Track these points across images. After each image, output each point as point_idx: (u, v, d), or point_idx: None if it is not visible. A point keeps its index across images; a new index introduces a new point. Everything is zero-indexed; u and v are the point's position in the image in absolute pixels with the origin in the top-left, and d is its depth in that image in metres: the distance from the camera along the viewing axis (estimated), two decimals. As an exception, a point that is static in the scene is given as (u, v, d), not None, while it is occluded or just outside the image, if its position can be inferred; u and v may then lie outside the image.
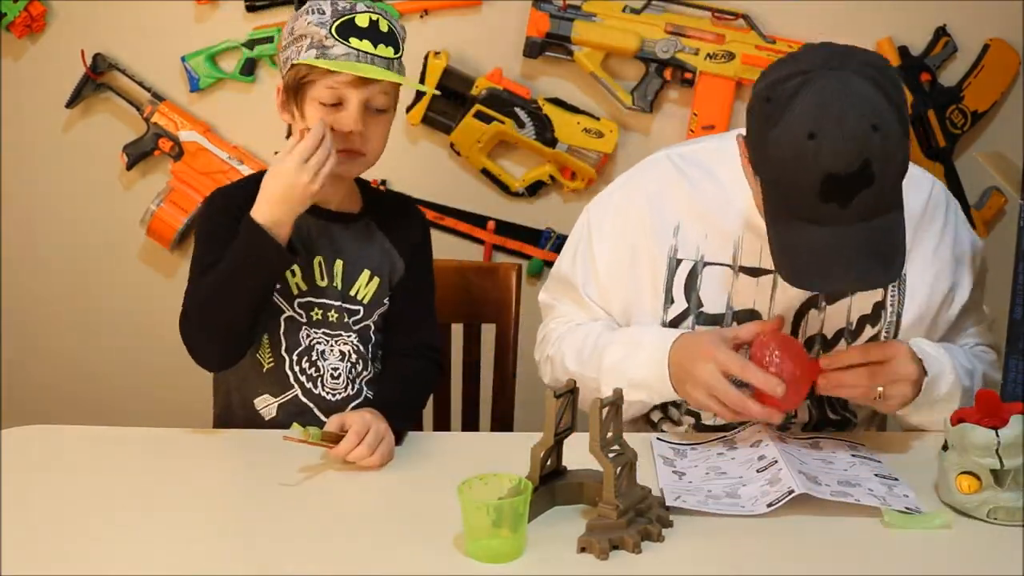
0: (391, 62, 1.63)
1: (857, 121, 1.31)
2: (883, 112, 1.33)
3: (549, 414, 1.35)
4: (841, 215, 1.34)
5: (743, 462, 1.50)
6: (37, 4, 2.31)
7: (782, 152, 1.35)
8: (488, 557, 1.25)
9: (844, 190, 1.33)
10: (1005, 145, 2.33)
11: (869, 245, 1.36)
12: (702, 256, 1.60)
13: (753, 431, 1.57)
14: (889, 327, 1.61)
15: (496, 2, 2.32)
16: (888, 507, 1.35)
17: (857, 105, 1.32)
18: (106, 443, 1.61)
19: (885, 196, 1.36)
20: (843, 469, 1.47)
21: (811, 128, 1.32)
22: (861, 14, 2.31)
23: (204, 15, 2.34)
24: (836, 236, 1.35)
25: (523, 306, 1.97)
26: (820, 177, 1.32)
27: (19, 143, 2.42)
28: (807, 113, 1.32)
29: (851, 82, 1.33)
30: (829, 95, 1.32)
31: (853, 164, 1.31)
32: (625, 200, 1.66)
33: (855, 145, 1.31)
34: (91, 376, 2.51)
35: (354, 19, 1.61)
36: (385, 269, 1.73)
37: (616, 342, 1.60)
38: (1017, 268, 1.52)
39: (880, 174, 1.33)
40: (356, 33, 1.60)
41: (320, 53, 1.59)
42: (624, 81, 2.33)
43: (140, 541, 1.32)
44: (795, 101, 1.33)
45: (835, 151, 1.31)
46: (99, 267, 2.47)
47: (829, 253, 1.36)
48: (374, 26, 1.62)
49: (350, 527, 1.35)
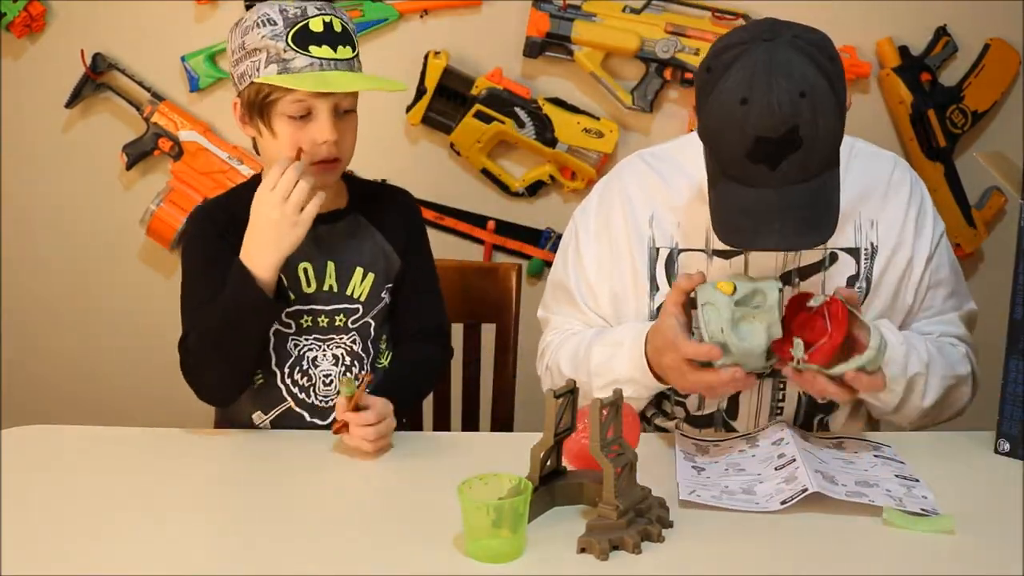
0: (352, 61, 1.60)
1: (785, 88, 1.38)
2: (812, 81, 1.39)
3: (549, 414, 1.35)
4: (770, 177, 1.41)
5: (763, 459, 1.50)
6: (37, 4, 2.31)
7: (717, 116, 1.43)
8: (488, 557, 1.25)
9: (772, 153, 1.40)
10: (1005, 145, 2.33)
11: (798, 207, 1.43)
12: (676, 243, 1.66)
13: (776, 429, 1.58)
14: (859, 293, 1.64)
15: (496, 2, 2.32)
16: (900, 508, 1.34)
17: (786, 73, 1.39)
18: (106, 443, 1.61)
19: (814, 161, 1.42)
20: (864, 469, 1.47)
21: (743, 94, 1.40)
22: (861, 14, 2.31)
23: (204, 15, 2.34)
24: (765, 197, 1.43)
25: (523, 306, 1.97)
26: (750, 139, 1.40)
27: (19, 143, 2.42)
28: (740, 80, 1.40)
29: (782, 51, 1.40)
30: (761, 64, 1.40)
31: (780, 128, 1.38)
32: (604, 201, 1.73)
33: (782, 110, 1.38)
34: (91, 376, 2.51)
35: (308, 24, 1.57)
36: (380, 264, 1.71)
37: (600, 343, 1.64)
38: (1017, 268, 1.52)
39: (808, 139, 1.39)
40: (313, 40, 1.57)
41: (282, 68, 1.56)
42: (624, 81, 2.33)
43: (140, 541, 1.32)
44: (731, 70, 1.41)
45: (763, 115, 1.38)
46: (99, 267, 2.47)
47: (758, 214, 1.43)
48: (329, 28, 1.58)
49: (350, 527, 1.35)
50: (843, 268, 1.64)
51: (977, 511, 1.38)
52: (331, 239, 1.68)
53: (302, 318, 1.66)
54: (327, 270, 1.68)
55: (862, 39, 2.32)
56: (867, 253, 1.64)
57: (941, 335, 1.68)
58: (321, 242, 1.67)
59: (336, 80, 1.56)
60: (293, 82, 1.54)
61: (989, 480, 1.49)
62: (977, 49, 2.33)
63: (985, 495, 1.45)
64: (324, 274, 1.68)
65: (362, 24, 2.31)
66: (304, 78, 1.55)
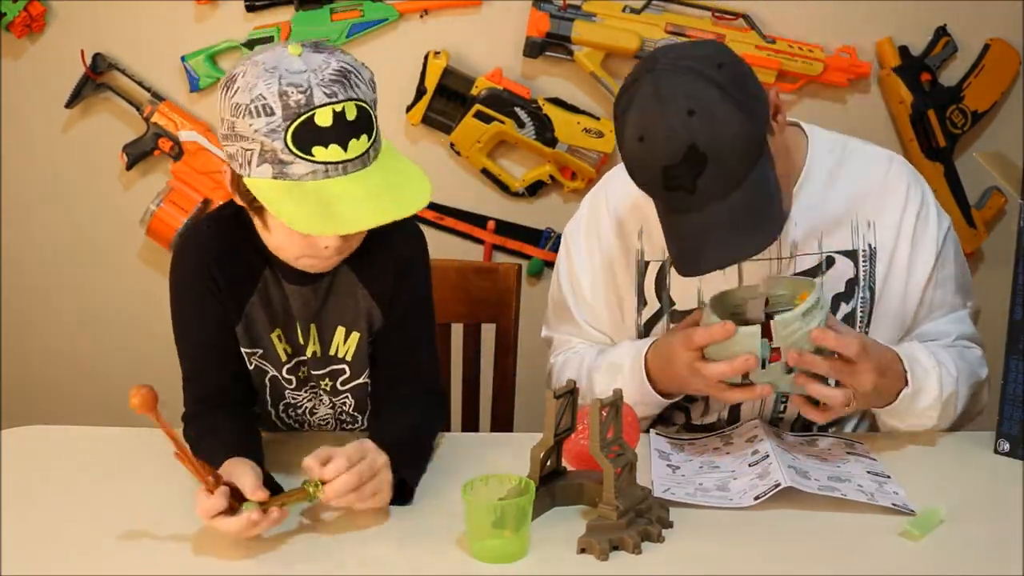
0: (366, 155, 1.33)
1: (672, 113, 1.39)
2: (699, 96, 1.39)
3: (549, 414, 1.35)
4: (693, 200, 1.42)
5: (737, 456, 1.51)
6: (37, 4, 2.31)
7: (628, 157, 1.46)
8: (492, 558, 1.25)
9: (684, 177, 1.40)
10: (1005, 145, 2.33)
11: (732, 220, 1.42)
12: (667, 256, 1.63)
13: (750, 427, 1.59)
14: (864, 303, 1.63)
15: (496, 2, 2.32)
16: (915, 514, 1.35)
17: (669, 99, 1.39)
18: (106, 443, 1.61)
19: (729, 169, 1.41)
20: (836, 466, 1.48)
21: (639, 133, 1.42)
22: (861, 14, 2.31)
23: (204, 15, 2.34)
24: (699, 219, 1.43)
25: (523, 306, 1.97)
26: (658, 172, 1.41)
27: (19, 143, 2.42)
28: (634, 120, 1.42)
29: (663, 78, 1.41)
30: (646, 97, 1.41)
31: (679, 152, 1.39)
32: (592, 217, 1.72)
33: (674, 134, 1.39)
34: (91, 376, 2.51)
35: (313, 117, 1.28)
36: (362, 321, 1.53)
37: (600, 369, 1.63)
38: (1017, 268, 1.51)
39: (713, 151, 1.39)
40: (319, 138, 1.29)
41: (278, 171, 1.30)
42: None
43: (140, 541, 1.32)
44: (628, 113, 1.44)
45: (660, 145, 1.40)
46: (99, 267, 2.47)
47: (696, 237, 1.44)
48: (340, 119, 1.30)
49: (352, 528, 1.35)
50: (841, 271, 1.62)
51: (977, 511, 1.38)
52: (311, 298, 1.52)
53: (300, 371, 1.57)
54: (311, 333, 1.54)
55: (862, 39, 2.32)
56: (865, 255, 1.62)
57: (958, 337, 1.67)
58: (306, 302, 1.52)
59: (346, 213, 1.29)
60: (291, 213, 1.29)
61: (989, 480, 1.49)
62: (977, 49, 2.33)
63: (985, 495, 1.45)
64: (308, 337, 1.54)
65: (362, 24, 2.31)
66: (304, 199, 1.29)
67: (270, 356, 1.55)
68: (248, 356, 1.54)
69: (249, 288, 1.51)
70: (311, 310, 1.53)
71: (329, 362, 1.56)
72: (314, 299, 1.52)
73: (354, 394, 1.58)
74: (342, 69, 1.33)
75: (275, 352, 1.54)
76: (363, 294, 1.53)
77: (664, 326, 1.65)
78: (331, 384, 1.57)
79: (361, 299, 1.53)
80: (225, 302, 1.50)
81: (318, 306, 1.53)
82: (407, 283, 1.54)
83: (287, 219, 1.29)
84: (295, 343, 1.55)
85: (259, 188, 1.32)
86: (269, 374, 1.56)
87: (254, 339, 1.53)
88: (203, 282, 1.49)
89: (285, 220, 1.30)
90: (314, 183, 1.30)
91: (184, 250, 1.54)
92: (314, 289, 1.51)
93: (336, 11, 2.31)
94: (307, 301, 1.52)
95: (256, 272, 1.51)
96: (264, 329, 1.53)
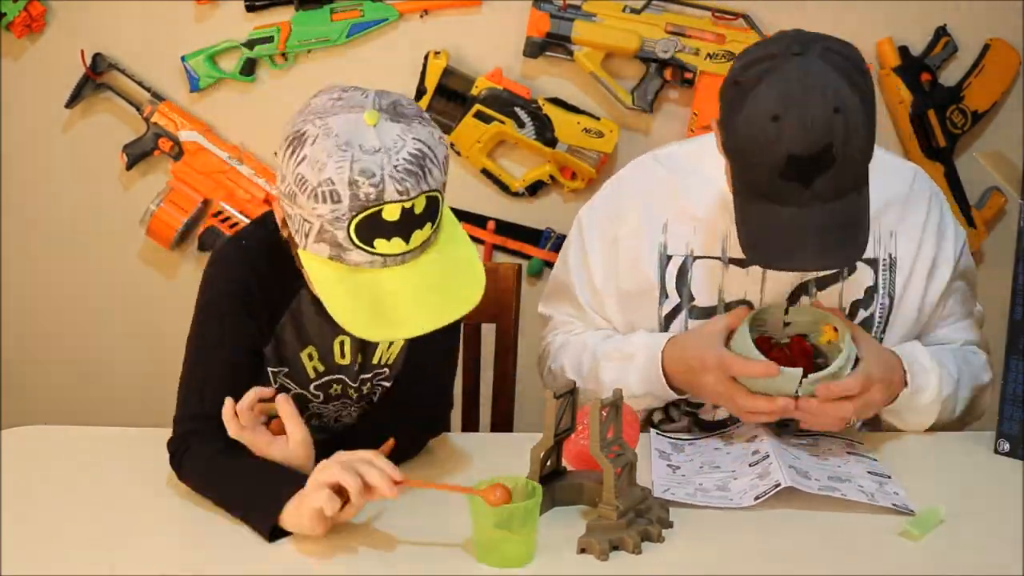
0: (427, 243, 1.30)
1: (819, 104, 1.35)
2: (845, 97, 1.36)
3: (549, 414, 1.35)
4: (803, 195, 1.39)
5: (737, 457, 1.51)
6: (37, 4, 2.31)
7: (747, 133, 1.39)
8: (499, 562, 1.24)
9: (805, 171, 1.37)
10: (1005, 145, 2.33)
11: (830, 226, 1.40)
12: (691, 251, 1.62)
13: (750, 427, 1.59)
14: (883, 310, 1.63)
15: (496, 2, 2.32)
16: (872, 502, 1.36)
17: (820, 88, 1.36)
18: (106, 443, 1.61)
19: (847, 178, 1.40)
20: (836, 466, 1.49)
21: (775, 111, 1.36)
22: (861, 14, 2.31)
23: (204, 15, 2.34)
24: (797, 216, 1.40)
25: (523, 306, 1.97)
26: (782, 158, 1.36)
27: (19, 143, 2.42)
28: (771, 96, 1.37)
29: (815, 66, 1.37)
30: (793, 79, 1.36)
31: (815, 146, 1.35)
32: (613, 204, 1.69)
33: (817, 127, 1.35)
34: (91, 376, 2.51)
35: (381, 212, 1.24)
36: None
37: (609, 357, 1.63)
38: (1017, 268, 1.52)
39: (841, 156, 1.37)
40: (384, 232, 1.25)
41: (335, 254, 1.27)
42: (624, 81, 2.33)
43: (140, 541, 1.32)
44: (760, 85, 1.38)
45: (797, 133, 1.35)
46: (99, 267, 2.47)
47: (790, 233, 1.41)
48: (407, 214, 1.25)
49: (353, 528, 1.34)
50: (861, 279, 1.62)
51: (977, 511, 1.39)
52: None
53: (332, 388, 1.55)
54: (356, 345, 1.52)
55: (862, 39, 2.30)
56: (886, 264, 1.62)
57: (965, 343, 1.69)
58: None
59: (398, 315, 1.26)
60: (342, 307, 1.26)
61: (988, 480, 1.50)
62: (977, 49, 2.33)
63: (985, 495, 1.45)
64: (350, 350, 1.52)
65: (362, 24, 2.31)
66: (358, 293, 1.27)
67: (298, 374, 1.53)
68: (273, 375, 1.52)
69: (283, 307, 1.49)
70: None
71: (370, 369, 1.56)
72: None
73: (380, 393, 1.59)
74: (418, 153, 1.28)
75: (303, 370, 1.52)
76: None
77: (683, 321, 1.63)
78: (370, 387, 1.57)
79: None
80: (260, 323, 1.46)
81: None
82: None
83: (338, 316, 1.27)
84: (330, 361, 1.52)
85: (312, 265, 1.30)
86: (292, 392, 1.53)
87: (281, 358, 1.51)
88: (238, 303, 1.44)
89: (336, 316, 1.27)
90: (371, 272, 1.28)
91: (225, 263, 1.48)
92: None
93: (336, 11, 2.31)
94: None
95: (292, 292, 1.48)
96: (293, 348, 1.51)
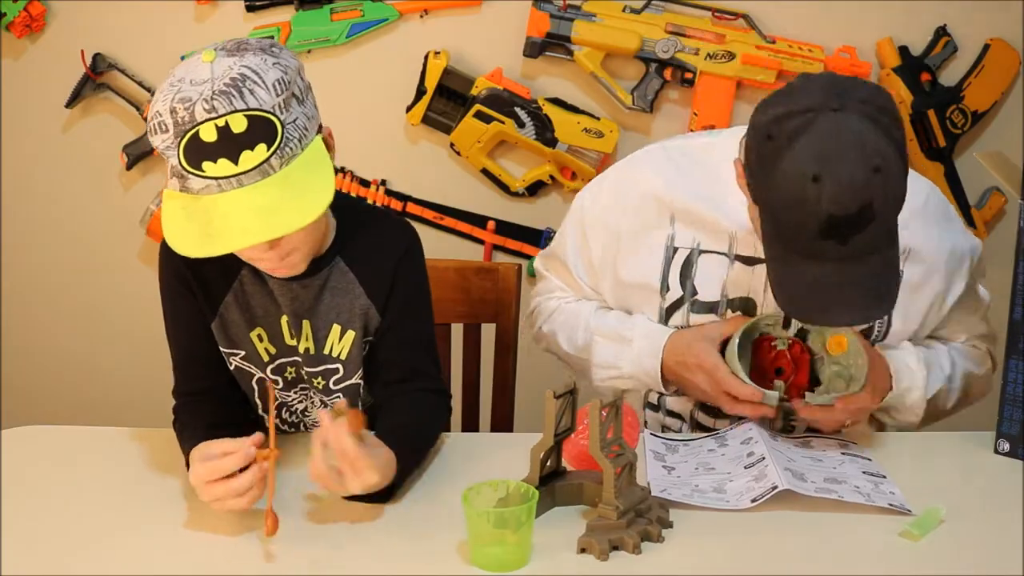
0: (265, 165, 1.31)
1: (859, 164, 1.32)
2: (884, 153, 1.34)
3: (549, 414, 1.35)
4: (840, 252, 1.36)
5: (732, 458, 1.51)
6: (37, 4, 2.31)
7: (785, 192, 1.36)
8: (493, 566, 1.24)
9: (845, 230, 1.35)
10: (1005, 145, 2.33)
11: (866, 281, 1.39)
12: (698, 244, 1.62)
13: (744, 428, 1.59)
14: (881, 323, 1.63)
15: (496, 2, 2.32)
16: (912, 513, 1.36)
17: (859, 147, 1.33)
18: (106, 443, 1.61)
19: (883, 233, 1.38)
20: (832, 467, 1.49)
21: (814, 171, 1.33)
22: (861, 14, 2.31)
23: (204, 15, 2.34)
24: (834, 273, 1.38)
25: (523, 306, 1.97)
26: (822, 218, 1.34)
27: (19, 143, 2.42)
28: (810, 155, 1.33)
29: (852, 123, 1.34)
30: (831, 137, 1.33)
31: (855, 206, 1.33)
32: (620, 190, 1.68)
33: (857, 187, 1.32)
34: (91, 376, 2.51)
35: (198, 134, 1.29)
36: (357, 320, 1.52)
37: (604, 335, 1.65)
38: (1017, 268, 1.52)
39: (880, 213, 1.35)
40: (207, 153, 1.29)
41: (182, 185, 1.33)
42: (624, 81, 2.33)
43: (140, 541, 1.32)
44: (797, 142, 1.34)
45: (838, 194, 1.32)
46: (99, 267, 2.47)
47: (827, 289, 1.39)
48: (225, 133, 1.29)
49: (352, 529, 1.34)
50: None
51: (977, 511, 1.39)
52: (305, 293, 1.50)
53: (286, 371, 1.55)
54: (303, 328, 1.52)
55: (862, 39, 2.32)
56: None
57: (968, 338, 1.71)
58: (295, 296, 1.50)
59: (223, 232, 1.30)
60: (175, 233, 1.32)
61: (989, 480, 1.50)
62: (977, 49, 2.33)
63: (984, 495, 1.45)
64: (300, 333, 1.52)
65: (362, 24, 2.31)
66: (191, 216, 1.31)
67: (252, 357, 1.54)
68: (228, 357, 1.54)
69: (224, 287, 1.51)
70: (304, 306, 1.51)
71: (322, 360, 1.54)
72: (306, 295, 1.50)
73: (346, 394, 1.55)
74: (239, 77, 1.31)
75: (256, 352, 1.53)
76: (359, 292, 1.52)
77: (684, 314, 1.64)
78: (324, 383, 1.56)
79: (357, 297, 1.52)
80: (200, 301, 1.51)
81: (311, 302, 1.51)
82: (404, 282, 1.54)
83: (169, 238, 1.33)
84: (280, 343, 1.53)
85: (167, 200, 1.35)
86: (256, 376, 1.56)
87: (232, 339, 1.53)
88: (176, 281, 1.51)
89: (168, 238, 1.33)
90: (209, 198, 1.31)
91: (162, 249, 1.53)
92: (304, 285, 1.49)
93: (336, 11, 2.31)
94: (296, 296, 1.50)
95: (232, 271, 1.50)
96: (242, 329, 1.52)
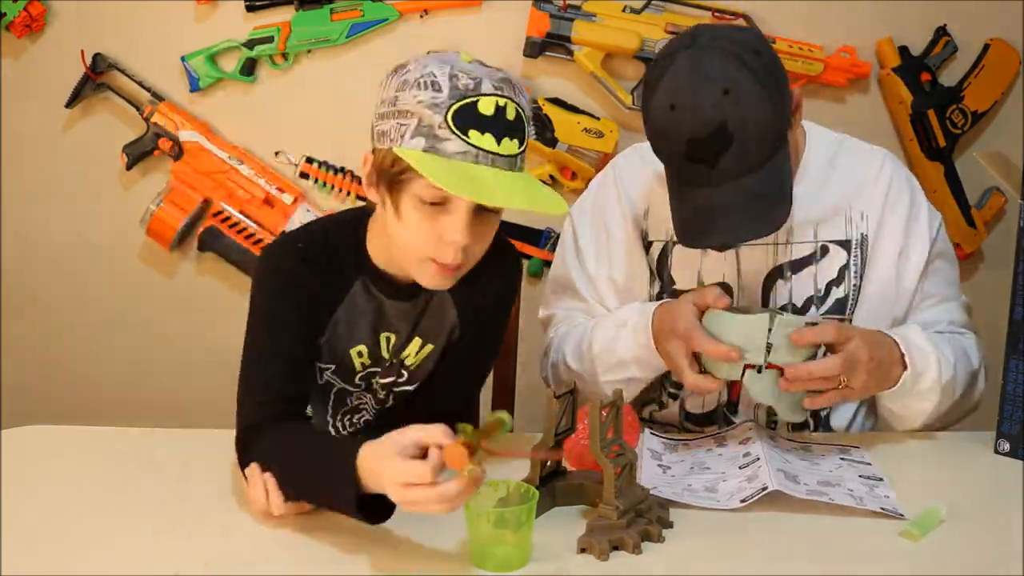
0: (515, 159, 1.35)
1: (708, 88, 1.45)
2: (734, 78, 1.45)
3: (549, 415, 1.35)
4: (711, 176, 1.48)
5: (728, 459, 1.52)
6: (37, 4, 2.31)
7: (652, 126, 1.52)
8: (493, 566, 1.24)
9: (707, 152, 1.46)
10: (1005, 145, 2.33)
11: (745, 200, 1.48)
12: (671, 236, 1.66)
13: (744, 429, 1.59)
14: (854, 290, 1.65)
15: (496, 2, 2.32)
16: (904, 518, 1.35)
17: (707, 75, 1.45)
18: (106, 443, 1.61)
19: (752, 154, 1.47)
20: (828, 471, 1.49)
21: (671, 101, 1.47)
22: (861, 14, 2.31)
23: (204, 15, 2.34)
24: (714, 196, 1.49)
25: (523, 306, 1.97)
26: (683, 143, 1.47)
27: (19, 143, 2.42)
28: (668, 88, 1.48)
29: (703, 55, 1.47)
30: (684, 70, 1.47)
31: (708, 127, 1.45)
32: (600, 195, 1.77)
33: (707, 109, 1.44)
34: (91, 376, 2.51)
35: (477, 104, 1.32)
36: (443, 336, 1.55)
37: (602, 326, 1.67)
38: (1017, 268, 1.52)
39: (739, 133, 1.45)
40: (477, 124, 1.31)
41: (429, 145, 1.31)
42: (624, 81, 2.33)
43: (140, 541, 1.32)
44: (661, 81, 1.49)
45: (690, 117, 1.45)
46: (99, 267, 2.47)
47: (706, 212, 1.50)
48: (501, 114, 1.33)
49: (352, 530, 1.34)
50: (834, 261, 1.66)
51: (977, 511, 1.39)
52: (412, 312, 1.52)
53: (372, 379, 1.56)
54: (391, 342, 1.54)
55: (862, 39, 2.32)
56: (857, 244, 1.66)
57: (950, 323, 1.70)
58: (403, 317, 1.52)
59: (489, 187, 1.30)
60: (437, 173, 1.29)
61: (988, 480, 1.50)
62: (977, 49, 2.33)
63: (984, 495, 1.45)
64: (390, 346, 1.54)
65: (362, 24, 2.31)
66: (452, 169, 1.30)
67: (343, 370, 1.53)
68: (321, 371, 1.53)
69: (334, 303, 1.49)
70: (408, 324, 1.53)
71: (394, 369, 1.56)
72: (412, 312, 1.52)
73: (399, 399, 1.57)
74: (510, 78, 1.39)
75: (351, 367, 1.53)
76: (452, 314, 1.53)
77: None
78: (386, 389, 1.57)
79: (449, 318, 1.54)
80: (312, 312, 1.47)
81: (415, 319, 1.53)
82: (493, 320, 1.58)
83: (433, 176, 1.29)
84: (377, 358, 1.54)
85: (408, 156, 1.32)
86: (336, 387, 1.55)
87: (333, 354, 1.52)
88: (292, 290, 1.45)
89: (430, 176, 1.29)
90: (463, 164, 1.32)
91: (272, 256, 1.50)
92: (414, 304, 1.52)
93: (336, 11, 2.31)
94: (406, 314, 1.52)
95: (344, 287, 1.49)
96: (344, 343, 1.51)
